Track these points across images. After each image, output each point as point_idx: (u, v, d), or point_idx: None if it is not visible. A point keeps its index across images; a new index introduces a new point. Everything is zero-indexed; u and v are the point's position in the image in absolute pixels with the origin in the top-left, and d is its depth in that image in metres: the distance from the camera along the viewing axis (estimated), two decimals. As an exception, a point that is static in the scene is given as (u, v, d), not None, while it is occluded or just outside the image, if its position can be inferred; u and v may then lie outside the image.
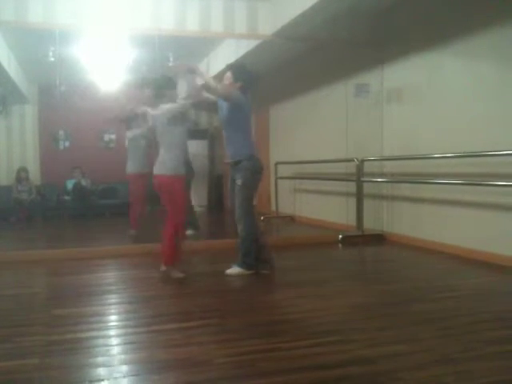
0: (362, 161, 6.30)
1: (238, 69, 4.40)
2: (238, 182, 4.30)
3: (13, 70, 7.77)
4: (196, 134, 9.60)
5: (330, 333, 2.86)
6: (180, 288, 4.15)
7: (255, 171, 4.37)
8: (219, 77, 4.57)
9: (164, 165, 4.27)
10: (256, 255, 4.40)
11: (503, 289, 3.93)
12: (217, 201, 10.65)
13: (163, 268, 4.40)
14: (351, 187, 6.59)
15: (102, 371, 2.39)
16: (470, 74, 5.02)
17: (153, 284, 4.23)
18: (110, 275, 4.80)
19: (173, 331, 2.95)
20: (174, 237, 4.28)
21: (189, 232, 6.73)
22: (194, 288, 4.10)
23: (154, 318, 3.22)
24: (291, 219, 8.48)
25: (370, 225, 6.43)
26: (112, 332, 3.02)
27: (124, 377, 2.33)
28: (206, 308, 3.51)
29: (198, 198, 9.57)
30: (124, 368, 2.44)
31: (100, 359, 2.53)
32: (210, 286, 4.13)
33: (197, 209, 8.52)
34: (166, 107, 4.27)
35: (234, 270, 4.37)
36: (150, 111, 4.56)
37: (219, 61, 7.69)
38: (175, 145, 4.28)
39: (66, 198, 9.20)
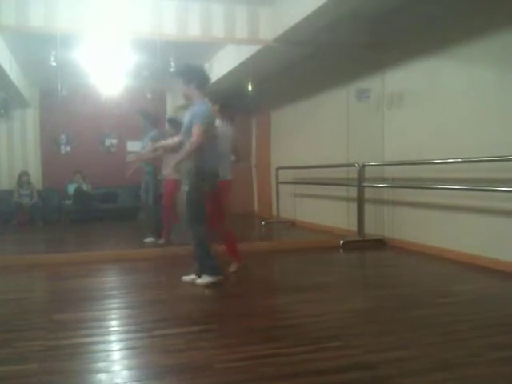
0: (363, 166, 6.30)
1: (184, 71, 4.28)
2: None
3: (14, 74, 7.79)
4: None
5: (331, 338, 2.85)
6: (181, 293, 4.15)
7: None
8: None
9: None
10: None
11: (505, 294, 3.92)
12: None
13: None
14: (352, 192, 6.58)
15: (102, 376, 2.38)
16: (470, 78, 5.02)
17: (154, 289, 4.22)
18: (111, 280, 4.80)
19: (174, 336, 2.94)
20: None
21: (149, 240, 6.51)
22: (194, 293, 4.09)
23: (155, 323, 3.21)
24: (292, 224, 8.47)
25: (371, 230, 6.42)
26: (112, 337, 3.01)
27: (125, 382, 2.32)
28: (207, 313, 3.51)
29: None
30: (125, 373, 2.43)
31: (100, 364, 2.53)
32: (210, 290, 4.12)
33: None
34: None
35: (204, 279, 4.25)
36: None
37: (221, 66, 7.71)
38: None
39: (67, 202, 9.22)
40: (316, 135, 7.92)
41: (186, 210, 4.22)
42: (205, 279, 4.24)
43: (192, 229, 4.24)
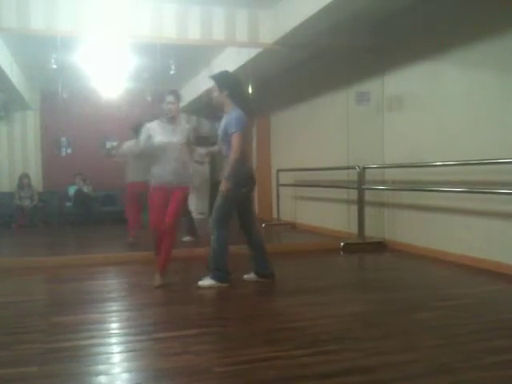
0: (364, 168, 6.30)
1: (220, 77, 4.35)
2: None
3: (15, 77, 7.81)
4: (197, 141, 9.60)
5: (331, 341, 2.85)
6: (181, 296, 4.15)
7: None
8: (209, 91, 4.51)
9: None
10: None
11: (506, 298, 3.91)
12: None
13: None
14: (352, 195, 6.58)
15: (102, 379, 2.38)
16: (470, 81, 5.03)
17: (153, 291, 4.21)
18: (111, 282, 4.79)
19: (173, 339, 2.94)
20: None
21: (186, 238, 6.79)
22: (195, 296, 4.09)
23: (155, 326, 3.21)
24: (292, 226, 8.47)
25: (371, 232, 6.42)
26: (112, 340, 3.01)
27: (123, 385, 2.32)
28: (207, 316, 3.51)
29: (200, 206, 9.56)
30: (124, 376, 2.43)
31: (100, 367, 2.52)
32: (211, 293, 4.12)
33: (198, 216, 8.54)
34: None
35: (206, 281, 4.26)
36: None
37: (221, 69, 7.70)
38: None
39: (68, 204, 9.22)
40: (316, 138, 7.92)
41: (214, 212, 4.26)
42: (207, 282, 4.25)
43: (214, 232, 4.25)
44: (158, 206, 4.31)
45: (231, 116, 4.21)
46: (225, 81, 4.31)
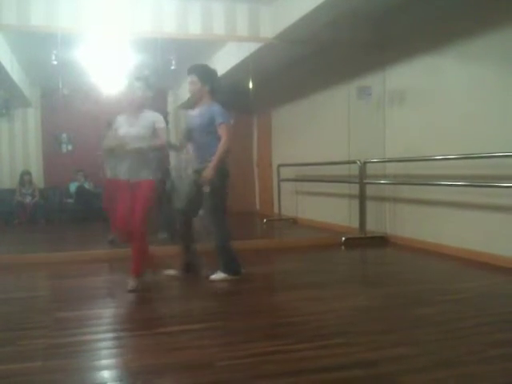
0: (365, 163, 6.30)
1: (202, 71, 4.25)
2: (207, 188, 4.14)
3: (15, 74, 7.80)
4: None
5: (333, 335, 2.86)
6: (182, 290, 4.16)
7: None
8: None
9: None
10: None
11: (506, 291, 3.92)
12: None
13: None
14: (354, 189, 6.59)
15: (105, 374, 2.40)
16: (471, 76, 5.02)
17: (156, 287, 4.23)
18: (113, 278, 4.80)
19: (175, 334, 2.95)
20: None
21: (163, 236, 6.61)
22: (196, 290, 4.10)
23: (157, 321, 3.23)
24: (294, 221, 8.48)
25: (372, 227, 6.43)
26: (115, 335, 3.02)
27: (128, 379, 2.33)
28: (208, 311, 3.51)
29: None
30: (128, 371, 2.44)
31: (103, 362, 2.54)
32: (212, 288, 4.13)
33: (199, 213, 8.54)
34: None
35: (218, 275, 4.28)
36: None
37: (221, 64, 7.69)
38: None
39: (69, 201, 9.23)
40: (317, 133, 7.92)
41: (208, 213, 4.24)
42: (220, 275, 4.27)
43: (215, 230, 4.24)
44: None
45: (213, 108, 4.15)
46: (207, 75, 4.26)
